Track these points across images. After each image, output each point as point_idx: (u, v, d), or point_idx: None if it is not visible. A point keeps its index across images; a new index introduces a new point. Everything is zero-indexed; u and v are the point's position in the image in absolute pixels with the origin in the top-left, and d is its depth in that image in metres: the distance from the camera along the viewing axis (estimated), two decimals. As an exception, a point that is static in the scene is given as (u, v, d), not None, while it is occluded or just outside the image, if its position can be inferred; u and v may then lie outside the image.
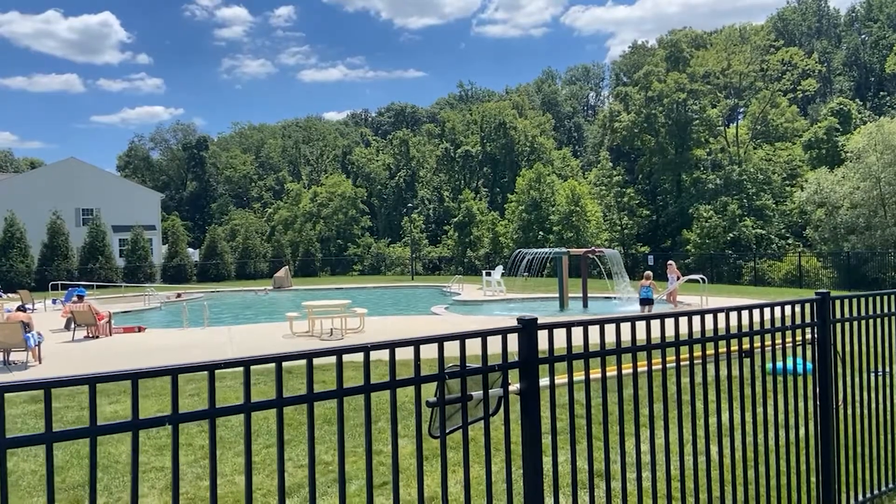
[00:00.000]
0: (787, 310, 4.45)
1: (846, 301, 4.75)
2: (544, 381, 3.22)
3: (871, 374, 4.96)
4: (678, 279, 21.87)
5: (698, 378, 3.89)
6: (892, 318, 5.09)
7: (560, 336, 3.20)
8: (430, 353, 2.86)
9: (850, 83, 64.50)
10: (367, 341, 2.77)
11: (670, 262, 23.10)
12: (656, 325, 3.64)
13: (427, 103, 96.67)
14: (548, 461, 3.41)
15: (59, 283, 35.29)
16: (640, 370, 3.60)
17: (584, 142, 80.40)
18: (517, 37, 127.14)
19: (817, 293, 4.57)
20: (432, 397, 2.90)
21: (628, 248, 51.50)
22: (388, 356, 2.76)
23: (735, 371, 4.03)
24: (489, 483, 2.95)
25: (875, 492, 4.82)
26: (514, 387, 3.10)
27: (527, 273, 28.04)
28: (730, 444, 3.99)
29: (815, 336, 4.54)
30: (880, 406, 4.96)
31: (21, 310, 14.77)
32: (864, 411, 4.79)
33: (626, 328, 3.56)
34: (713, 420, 3.85)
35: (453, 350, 2.87)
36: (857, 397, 4.76)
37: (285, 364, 2.53)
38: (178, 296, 31.56)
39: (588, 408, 3.41)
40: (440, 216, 65.23)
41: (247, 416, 2.45)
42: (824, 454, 4.49)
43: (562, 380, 3.38)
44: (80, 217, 50.32)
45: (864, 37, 67.25)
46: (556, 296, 23.58)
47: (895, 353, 5.09)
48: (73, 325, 16.87)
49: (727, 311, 4.03)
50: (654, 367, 3.61)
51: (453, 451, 5.55)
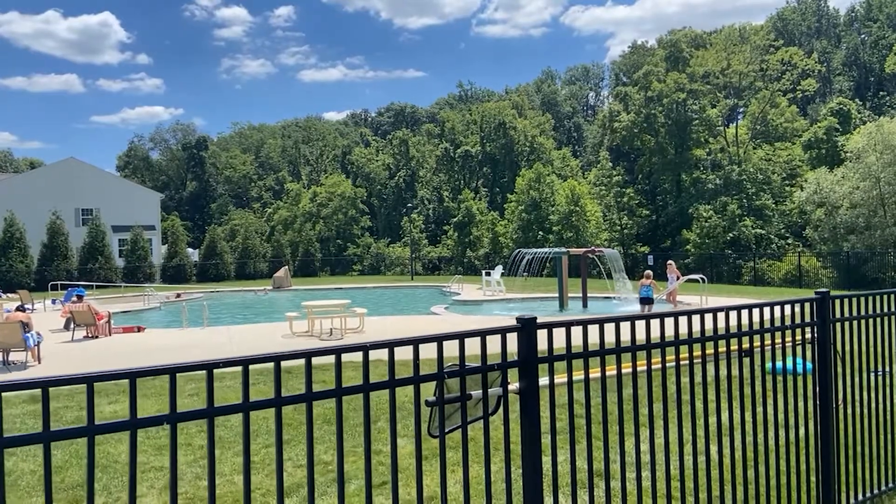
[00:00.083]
0: (787, 309, 4.44)
1: (846, 300, 4.75)
2: (544, 381, 3.21)
3: (871, 374, 4.96)
4: (678, 279, 21.88)
5: (698, 378, 3.88)
6: (892, 317, 5.09)
7: (559, 335, 3.19)
8: (430, 353, 2.86)
9: (850, 83, 64.52)
10: (366, 341, 2.77)
11: (670, 261, 23.10)
12: (656, 324, 3.64)
13: (427, 103, 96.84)
14: (547, 461, 3.41)
15: (59, 283, 35.28)
16: (639, 370, 3.59)
17: (583, 142, 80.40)
18: (517, 37, 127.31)
19: (817, 292, 4.56)
20: (431, 397, 2.89)
21: (628, 248, 51.49)
22: (387, 356, 2.76)
23: (735, 371, 4.02)
24: (488, 482, 2.94)
25: (875, 491, 4.82)
26: (514, 386, 3.10)
27: (526, 273, 28.05)
28: (729, 443, 3.98)
29: (815, 336, 4.53)
30: (880, 406, 4.96)
31: (20, 310, 14.77)
32: (864, 411, 4.79)
33: (625, 328, 3.55)
34: (713, 420, 3.85)
35: (452, 350, 2.87)
36: (856, 397, 4.75)
37: (285, 364, 2.53)
38: (178, 296, 31.56)
39: (587, 407, 3.40)
40: (440, 216, 65.22)
41: (245, 415, 2.45)
42: (824, 454, 4.48)
43: (561, 379, 3.38)
44: (79, 217, 50.30)
45: (863, 37, 67.28)
46: (556, 296, 23.58)
47: (895, 352, 5.08)
48: (72, 325, 16.87)
49: (727, 310, 4.03)
50: (653, 367, 3.60)
51: (452, 450, 5.54)
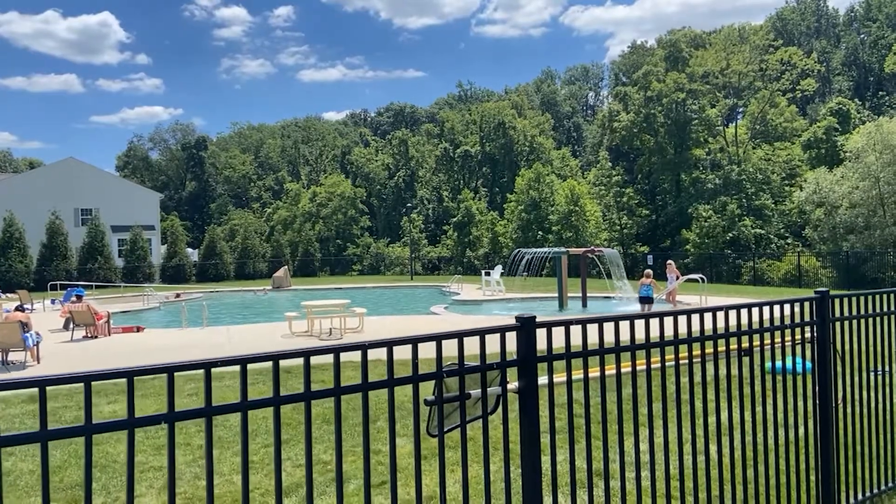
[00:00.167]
0: (787, 309, 4.43)
1: (845, 300, 4.74)
2: (543, 380, 3.20)
3: (871, 374, 4.95)
4: (677, 279, 21.89)
5: (698, 377, 3.88)
6: (892, 316, 5.08)
7: (558, 335, 3.18)
8: (429, 353, 2.85)
9: (849, 83, 64.53)
10: (364, 340, 2.76)
11: (669, 261, 23.11)
12: (655, 323, 3.63)
13: (426, 103, 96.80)
14: (546, 460, 3.40)
15: (58, 283, 35.24)
16: (639, 369, 3.59)
17: (583, 142, 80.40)
18: (516, 37, 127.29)
19: (817, 292, 4.55)
20: (430, 396, 2.89)
21: (627, 247, 51.49)
22: (385, 356, 2.75)
23: (734, 370, 4.02)
24: (487, 482, 2.94)
25: (874, 491, 4.81)
26: (513, 385, 3.09)
27: (526, 273, 28.05)
28: (729, 443, 3.97)
29: (815, 335, 4.53)
30: (880, 405, 4.95)
31: (19, 310, 14.75)
32: (864, 410, 4.78)
33: (625, 327, 3.55)
34: (713, 419, 3.84)
35: (451, 349, 2.86)
36: (856, 396, 4.75)
37: (285, 364, 2.52)
38: (177, 296, 31.54)
39: (587, 407, 3.40)
40: (439, 216, 65.20)
41: (243, 414, 2.44)
42: (824, 453, 4.48)
43: (560, 379, 3.37)
44: (78, 217, 50.28)
45: (862, 36, 67.28)
46: (556, 295, 23.58)
47: (895, 352, 5.08)
48: (71, 325, 16.87)
49: (726, 309, 4.02)
50: (653, 367, 3.59)
51: (451, 450, 5.53)
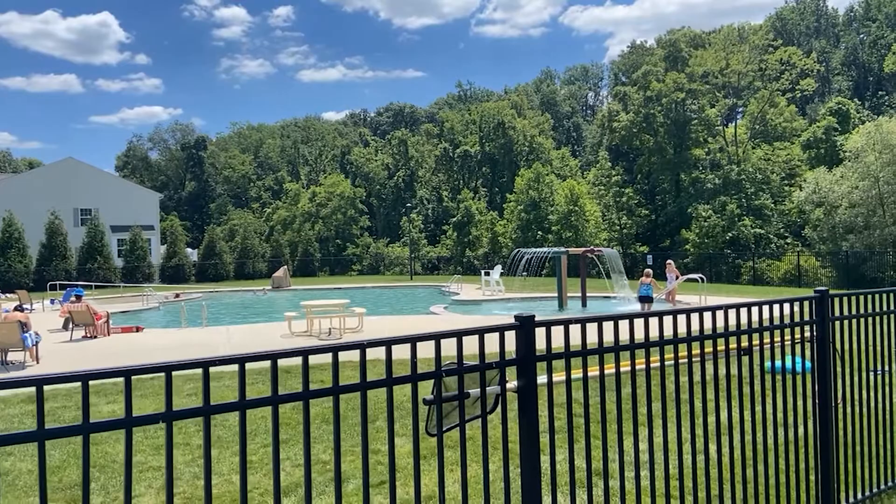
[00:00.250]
0: (787, 308, 4.43)
1: (845, 299, 4.73)
2: (542, 379, 3.20)
3: (870, 373, 4.95)
4: (677, 278, 21.89)
5: (697, 377, 3.87)
6: (891, 316, 5.07)
7: (558, 334, 3.18)
8: (428, 353, 2.84)
9: (849, 83, 64.54)
10: (363, 339, 2.75)
11: (669, 261, 23.12)
12: (655, 323, 3.63)
13: (426, 103, 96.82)
14: (546, 460, 3.40)
15: (58, 283, 35.24)
16: (638, 368, 3.58)
17: (582, 142, 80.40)
18: (516, 37, 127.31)
19: (816, 291, 4.54)
20: (429, 395, 2.88)
21: (627, 247, 51.47)
22: (384, 355, 2.74)
23: (734, 370, 4.01)
24: (486, 482, 2.93)
25: (874, 490, 4.81)
26: (512, 384, 3.08)
27: (525, 273, 28.06)
28: (728, 442, 3.96)
29: (814, 334, 4.52)
30: (879, 405, 4.95)
31: (18, 309, 14.74)
32: (863, 410, 4.77)
33: (624, 326, 3.54)
34: (712, 419, 3.83)
35: (451, 349, 2.85)
36: (856, 396, 4.74)
37: (284, 364, 2.51)
38: (177, 296, 31.53)
39: (586, 406, 3.39)
40: (439, 216, 65.17)
41: (241, 413, 2.43)
42: (823, 453, 4.47)
43: (560, 378, 3.37)
44: (78, 217, 50.26)
45: (862, 36, 67.30)
46: (555, 295, 23.58)
47: (894, 351, 5.07)
48: (70, 325, 16.85)
49: (726, 308, 4.01)
50: (652, 366, 3.59)
51: (451, 449, 5.53)
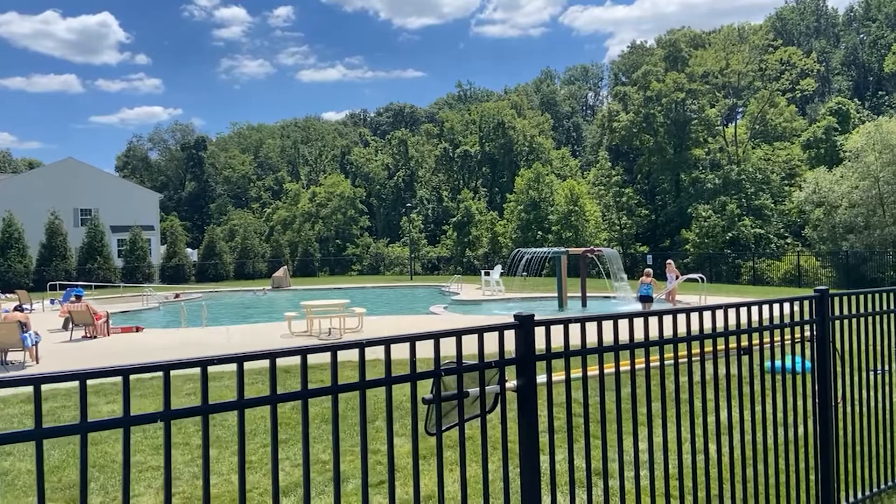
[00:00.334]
0: (786, 307, 4.42)
1: (845, 298, 4.73)
2: (542, 379, 3.19)
3: (870, 373, 4.94)
4: (677, 278, 21.89)
5: (697, 376, 3.86)
6: (891, 315, 5.07)
7: (557, 333, 3.17)
8: (427, 352, 2.84)
9: (849, 83, 64.52)
10: (363, 338, 2.75)
11: (669, 261, 23.11)
12: (654, 322, 3.62)
13: (426, 103, 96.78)
14: (545, 459, 3.39)
15: (57, 283, 35.23)
16: (638, 368, 3.57)
17: (582, 142, 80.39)
18: (516, 37, 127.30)
19: (816, 290, 4.54)
20: (429, 394, 2.87)
21: (627, 247, 51.47)
22: (383, 354, 2.73)
23: (734, 369, 4.00)
24: (486, 481, 2.92)
25: (874, 490, 4.80)
26: (511, 384, 3.08)
27: (525, 273, 28.06)
28: (728, 442, 3.96)
29: (814, 334, 4.51)
30: (879, 404, 4.94)
31: (18, 310, 14.73)
32: (863, 409, 4.77)
33: (624, 326, 3.53)
34: (712, 418, 3.83)
35: (450, 349, 2.85)
36: (855, 395, 4.74)
37: (283, 364, 2.51)
38: (177, 296, 31.52)
39: (585, 405, 3.39)
40: (439, 216, 65.16)
41: (240, 412, 2.43)
42: (823, 452, 4.47)
43: (559, 377, 3.36)
44: (78, 217, 50.24)
45: (862, 36, 67.28)
46: (555, 295, 23.57)
47: (894, 351, 5.07)
48: (70, 325, 16.85)
49: (726, 308, 4.01)
50: (652, 365, 3.58)
51: (450, 449, 5.52)
